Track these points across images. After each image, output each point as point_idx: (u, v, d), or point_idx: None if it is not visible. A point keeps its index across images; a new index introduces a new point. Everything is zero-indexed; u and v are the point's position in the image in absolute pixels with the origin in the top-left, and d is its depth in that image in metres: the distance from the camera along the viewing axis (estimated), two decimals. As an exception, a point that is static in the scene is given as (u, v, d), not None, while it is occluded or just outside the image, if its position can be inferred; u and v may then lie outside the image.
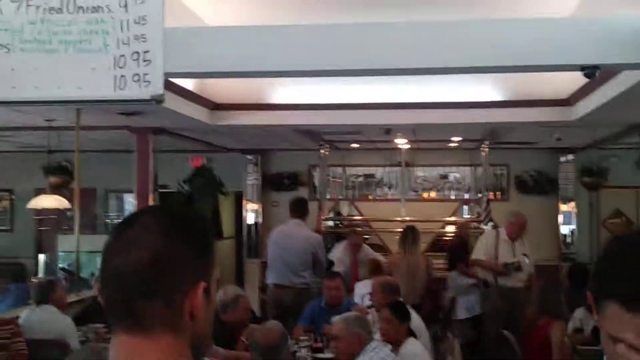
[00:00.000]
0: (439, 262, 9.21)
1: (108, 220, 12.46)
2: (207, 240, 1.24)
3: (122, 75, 3.54)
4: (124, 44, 3.60)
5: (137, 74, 3.53)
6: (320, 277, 7.10)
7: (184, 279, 1.15)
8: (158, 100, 3.58)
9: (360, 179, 12.18)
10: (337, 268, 7.63)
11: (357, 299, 6.85)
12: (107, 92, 3.58)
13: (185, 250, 1.17)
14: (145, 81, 3.50)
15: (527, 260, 7.76)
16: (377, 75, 6.05)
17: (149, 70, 3.55)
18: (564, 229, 11.15)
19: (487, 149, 10.16)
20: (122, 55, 3.58)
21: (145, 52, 3.57)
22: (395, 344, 4.81)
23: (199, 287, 1.16)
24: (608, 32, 4.38)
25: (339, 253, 8.48)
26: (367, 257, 8.15)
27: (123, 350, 1.13)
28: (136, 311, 1.12)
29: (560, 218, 11.13)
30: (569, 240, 11.11)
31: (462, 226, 9.93)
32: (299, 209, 7.44)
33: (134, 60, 3.56)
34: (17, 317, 5.70)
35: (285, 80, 7.40)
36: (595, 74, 4.55)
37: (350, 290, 7.21)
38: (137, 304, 1.12)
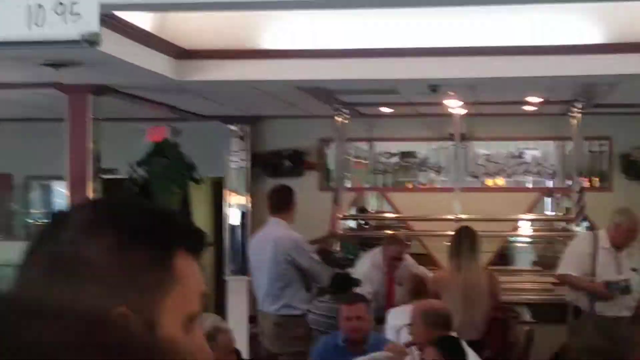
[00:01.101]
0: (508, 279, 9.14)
1: (29, 220, 12.48)
2: (155, 247, 1.16)
3: (39, 5, 3.48)
4: (41, -41, 3.55)
5: (61, 3, 3.46)
6: (319, 296, 7.13)
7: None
8: (92, 41, 3.52)
9: (395, 159, 12.14)
10: (363, 289, 7.62)
11: (390, 332, 6.85)
12: (17, 30, 3.52)
13: (101, 255, 1.13)
14: (73, 13, 3.43)
15: (638, 278, 7.72)
16: (414, 6, 5.98)
17: (79, -2, 3.50)
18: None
19: (579, 115, 10.08)
20: (39, -24, 3.54)
21: (73, -30, 3.52)
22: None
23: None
24: None
25: (365, 267, 8.47)
26: (409, 273, 8.12)
27: None
28: None
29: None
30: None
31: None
32: (276, 203, 7.48)
33: (56, -17, 3.52)
34: None
35: (282, 15, 7.35)
36: None
37: (380, 322, 7.21)
38: None
